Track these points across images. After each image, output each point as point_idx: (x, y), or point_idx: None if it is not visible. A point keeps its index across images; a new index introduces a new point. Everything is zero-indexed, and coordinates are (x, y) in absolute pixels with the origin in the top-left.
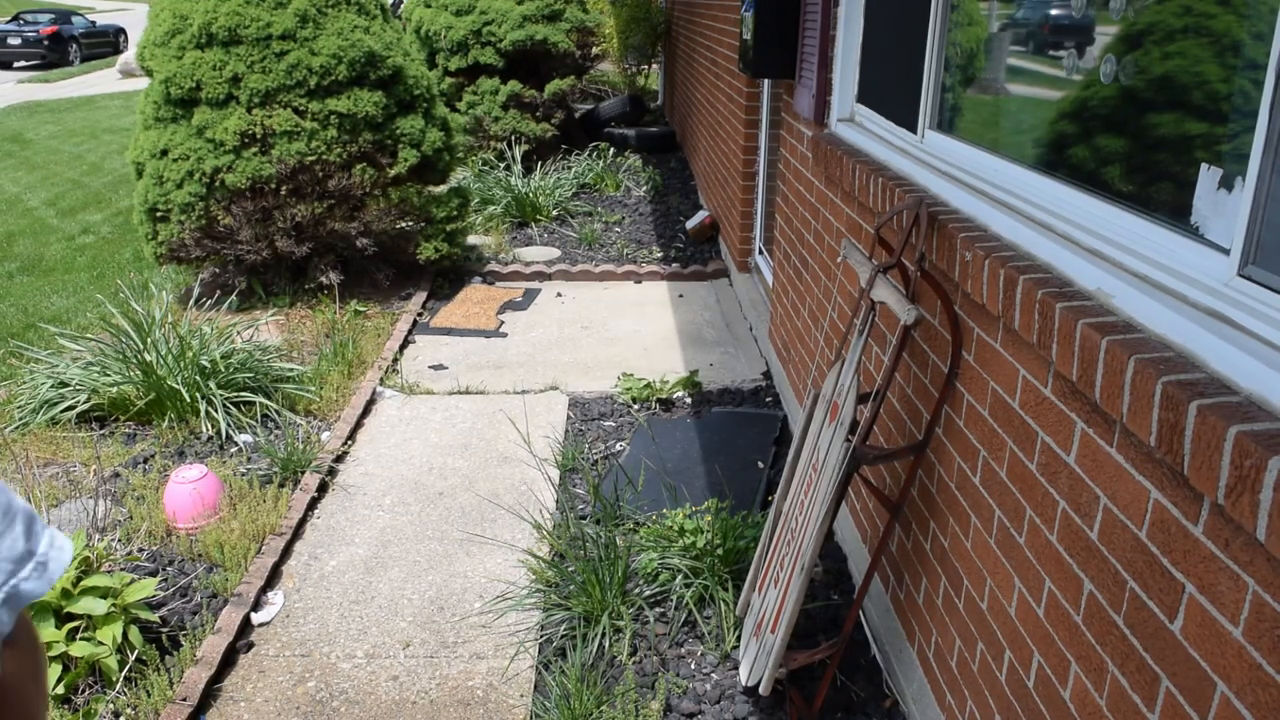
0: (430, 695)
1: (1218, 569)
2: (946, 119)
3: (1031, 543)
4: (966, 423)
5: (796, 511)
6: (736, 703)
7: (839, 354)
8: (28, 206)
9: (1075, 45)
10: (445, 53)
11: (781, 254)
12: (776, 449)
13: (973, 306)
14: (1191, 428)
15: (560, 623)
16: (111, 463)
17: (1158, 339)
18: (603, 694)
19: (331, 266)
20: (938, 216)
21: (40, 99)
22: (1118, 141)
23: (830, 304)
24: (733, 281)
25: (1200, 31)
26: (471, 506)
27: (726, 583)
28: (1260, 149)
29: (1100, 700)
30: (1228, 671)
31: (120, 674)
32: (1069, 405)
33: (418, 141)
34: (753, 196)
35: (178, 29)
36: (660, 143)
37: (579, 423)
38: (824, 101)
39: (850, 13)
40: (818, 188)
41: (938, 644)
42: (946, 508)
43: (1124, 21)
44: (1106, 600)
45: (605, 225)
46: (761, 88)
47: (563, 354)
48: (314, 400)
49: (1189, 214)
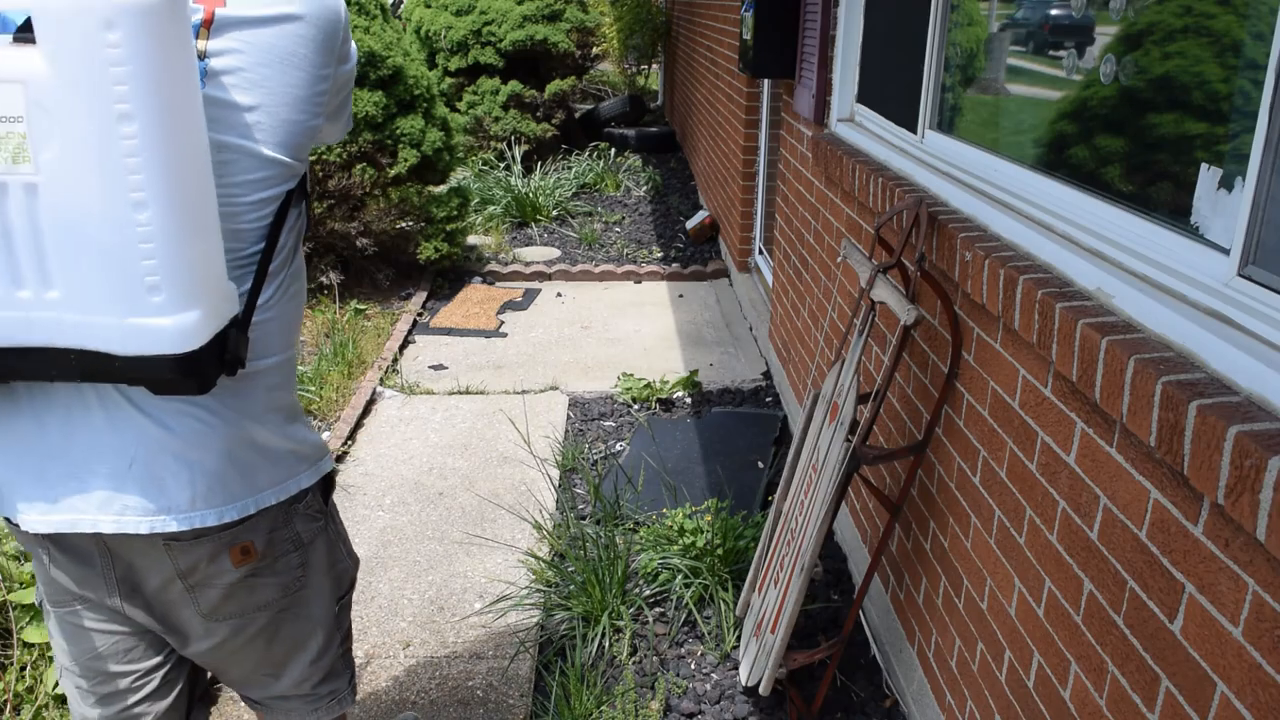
0: (430, 695)
1: (1218, 569)
2: (946, 119)
3: (1031, 543)
4: (966, 423)
5: (796, 511)
6: (736, 703)
7: (839, 354)
8: None
9: (1075, 45)
10: (445, 53)
11: (781, 254)
12: (776, 449)
13: (973, 306)
14: (1191, 428)
15: (560, 623)
16: None
17: (1158, 339)
18: (603, 694)
19: (331, 266)
20: (937, 216)
21: None
22: (1118, 141)
23: (830, 304)
24: (733, 281)
25: (1200, 31)
26: (471, 506)
27: (726, 583)
28: (1260, 149)
29: (1100, 700)
30: (1227, 671)
31: None
32: (1069, 405)
33: (418, 141)
34: (753, 196)
35: None
36: (660, 143)
37: (579, 423)
38: (824, 101)
39: (850, 13)
40: (817, 188)
41: (938, 644)
42: (946, 508)
43: (1124, 21)
44: (1106, 600)
45: (605, 225)
46: (761, 88)
47: (563, 354)
48: (314, 400)
49: (1189, 214)
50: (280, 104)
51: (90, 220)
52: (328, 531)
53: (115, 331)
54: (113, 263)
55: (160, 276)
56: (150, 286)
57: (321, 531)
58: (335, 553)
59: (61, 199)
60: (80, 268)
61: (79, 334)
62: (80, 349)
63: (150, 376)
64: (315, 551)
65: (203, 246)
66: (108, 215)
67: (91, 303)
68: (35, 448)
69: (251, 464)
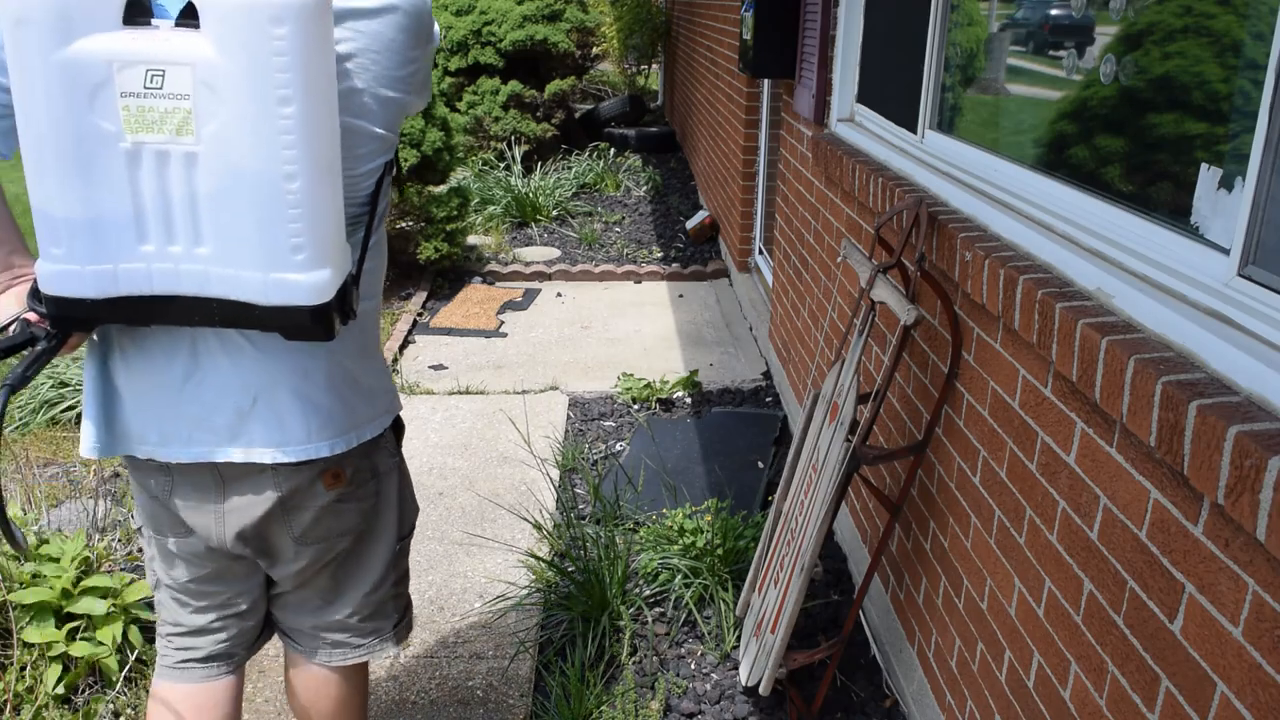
0: (430, 695)
1: (1217, 569)
2: (946, 119)
3: (1031, 543)
4: (966, 423)
5: (796, 511)
6: (736, 703)
7: (839, 354)
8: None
9: (1075, 45)
10: (445, 52)
11: (781, 254)
12: (776, 449)
13: (973, 306)
14: (1191, 428)
15: (560, 623)
16: (111, 463)
17: (1158, 339)
18: (603, 694)
19: None
20: (937, 216)
21: None
22: (1118, 141)
23: (830, 304)
24: (733, 281)
25: (1200, 31)
26: (471, 506)
27: (726, 583)
28: (1260, 149)
29: (1100, 700)
30: (1227, 671)
31: (120, 674)
32: (1069, 405)
33: (417, 141)
34: (753, 196)
35: None
36: (660, 143)
37: (579, 423)
38: (824, 101)
39: (850, 13)
40: (818, 188)
41: (938, 644)
42: (946, 508)
43: (1124, 21)
44: (1106, 600)
45: (605, 225)
46: (761, 88)
47: (563, 354)
48: None
49: (1189, 214)
50: (382, 85)
51: (244, 187)
52: (399, 470)
53: (259, 285)
54: (263, 225)
55: (304, 238)
56: (294, 247)
57: (395, 468)
58: (404, 491)
59: (218, 168)
60: (231, 228)
61: (225, 286)
62: (224, 299)
63: (286, 324)
64: (389, 484)
65: (334, 212)
66: (261, 184)
67: (239, 259)
68: (168, 387)
69: (352, 401)
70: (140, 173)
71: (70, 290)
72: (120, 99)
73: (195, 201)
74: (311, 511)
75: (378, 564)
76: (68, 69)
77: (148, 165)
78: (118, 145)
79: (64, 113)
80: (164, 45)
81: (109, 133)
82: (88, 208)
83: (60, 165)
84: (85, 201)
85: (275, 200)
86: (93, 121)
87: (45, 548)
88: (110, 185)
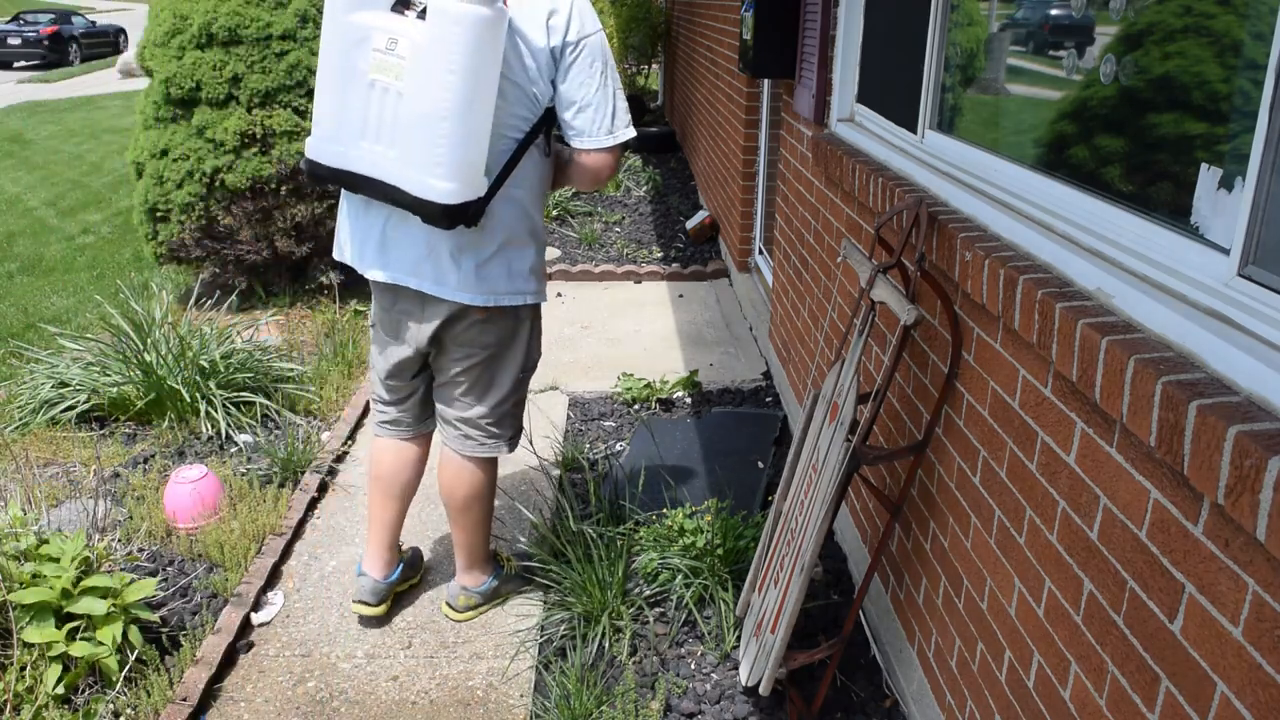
0: (430, 695)
1: (1218, 569)
2: (946, 119)
3: (1031, 543)
4: (966, 423)
5: (796, 511)
6: (736, 703)
7: (839, 354)
8: (28, 206)
9: (1075, 45)
10: None
11: (781, 254)
12: (776, 449)
13: (972, 306)
14: (1191, 428)
15: (560, 623)
16: (111, 463)
17: (1158, 339)
18: (603, 694)
19: (332, 266)
20: (937, 216)
21: (40, 99)
22: (1118, 141)
23: (830, 304)
24: (733, 281)
25: (1200, 31)
26: None
27: (726, 583)
28: (1260, 149)
29: (1100, 700)
30: (1228, 671)
31: (120, 674)
32: (1069, 405)
33: None
34: (753, 196)
35: (178, 29)
36: (660, 143)
37: (579, 422)
38: (824, 101)
39: (850, 13)
40: (818, 188)
41: (938, 644)
42: (946, 508)
43: (1124, 21)
44: (1106, 600)
45: (605, 225)
46: (761, 88)
47: (563, 354)
48: (314, 400)
49: (1189, 214)
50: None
51: (421, 119)
52: (532, 324)
53: (416, 181)
54: (424, 145)
55: (444, 159)
56: (437, 161)
57: (529, 320)
58: (532, 341)
59: (409, 105)
60: (408, 142)
61: (397, 176)
62: (394, 184)
63: (423, 211)
64: (522, 327)
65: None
66: (427, 119)
67: (409, 162)
68: (373, 233)
69: (494, 276)
70: (371, 96)
71: (320, 156)
72: (372, 52)
73: (396, 121)
74: (464, 325)
75: (505, 383)
76: (350, 28)
77: (376, 94)
78: (365, 78)
79: (339, 53)
80: (401, 24)
81: (361, 70)
82: (340, 110)
83: (332, 83)
84: (340, 106)
85: (432, 131)
86: (354, 62)
87: (45, 548)
88: (354, 101)
